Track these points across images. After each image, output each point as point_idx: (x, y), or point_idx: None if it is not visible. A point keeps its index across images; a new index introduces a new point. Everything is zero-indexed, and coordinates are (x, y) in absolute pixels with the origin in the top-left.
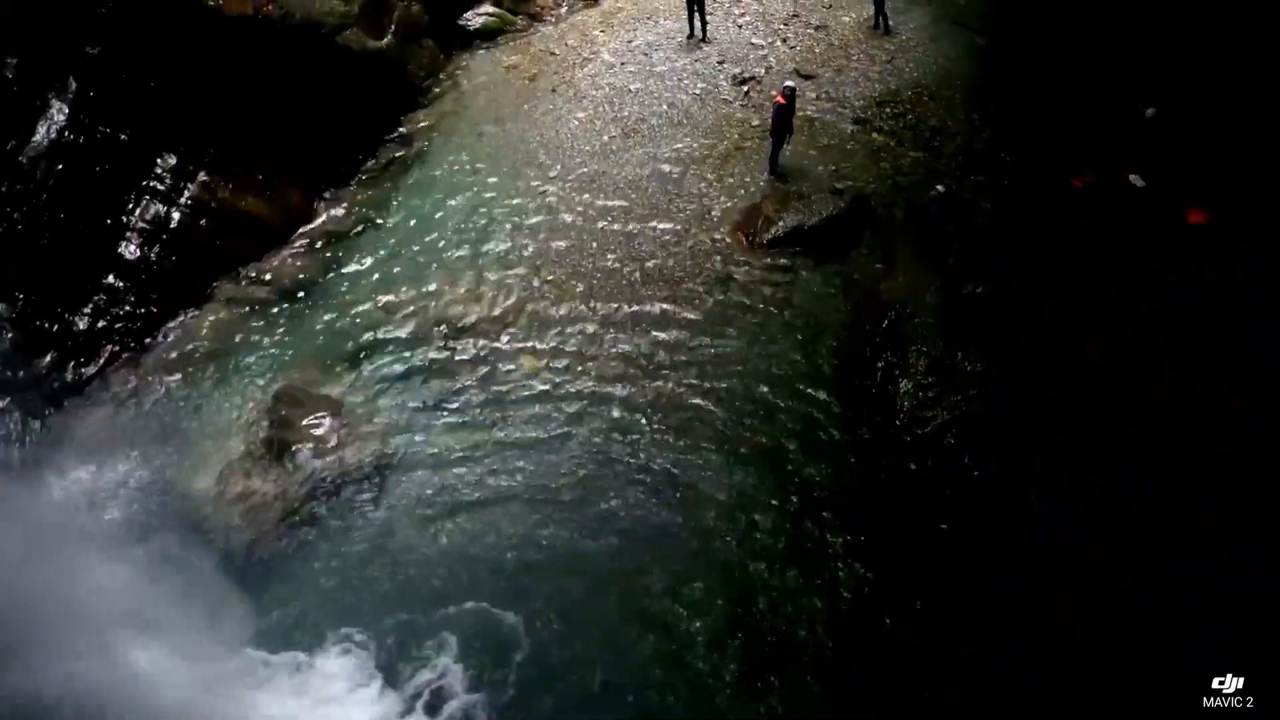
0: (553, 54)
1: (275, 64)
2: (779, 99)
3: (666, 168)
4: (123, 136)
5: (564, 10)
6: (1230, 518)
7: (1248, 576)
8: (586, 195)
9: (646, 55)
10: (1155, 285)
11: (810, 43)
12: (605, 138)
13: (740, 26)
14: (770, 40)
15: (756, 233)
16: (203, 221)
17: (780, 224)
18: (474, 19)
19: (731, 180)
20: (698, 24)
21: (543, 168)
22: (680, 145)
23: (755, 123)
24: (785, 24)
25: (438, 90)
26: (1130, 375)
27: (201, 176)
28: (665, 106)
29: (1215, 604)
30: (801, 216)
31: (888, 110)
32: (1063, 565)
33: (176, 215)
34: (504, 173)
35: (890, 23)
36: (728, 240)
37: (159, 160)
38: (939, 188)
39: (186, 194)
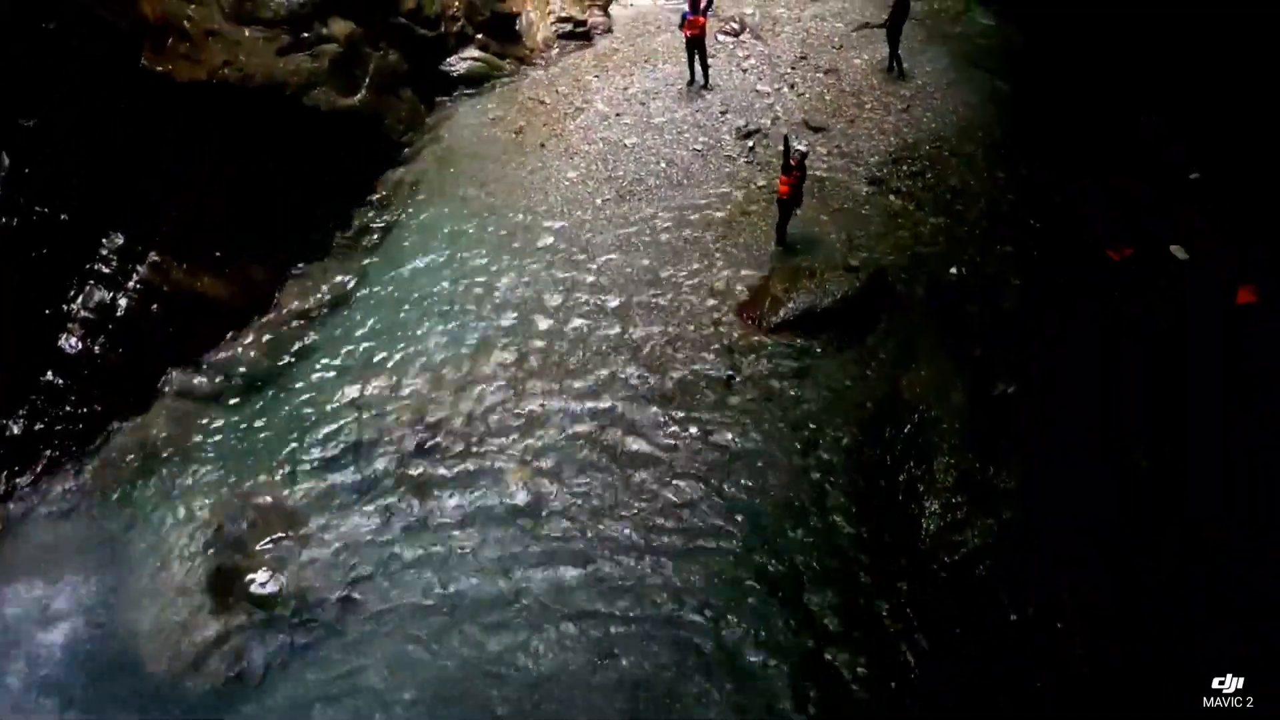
0: (542, 103)
1: (234, 130)
2: (783, 189)
3: (665, 237)
4: (63, 216)
5: (555, 53)
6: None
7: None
8: (575, 271)
9: (643, 105)
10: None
11: (820, 89)
12: (598, 201)
13: (745, 71)
14: (777, 87)
15: (764, 315)
16: (154, 307)
17: (790, 305)
18: (458, 64)
19: (736, 251)
20: (698, 70)
21: (529, 237)
22: (680, 210)
23: (761, 182)
24: (793, 68)
25: (418, 145)
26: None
27: (152, 257)
28: (664, 164)
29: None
30: (813, 297)
31: (905, 168)
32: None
33: (124, 301)
34: (487, 244)
35: (905, 65)
36: (732, 323)
37: (104, 240)
38: (953, 270)
39: (135, 277)
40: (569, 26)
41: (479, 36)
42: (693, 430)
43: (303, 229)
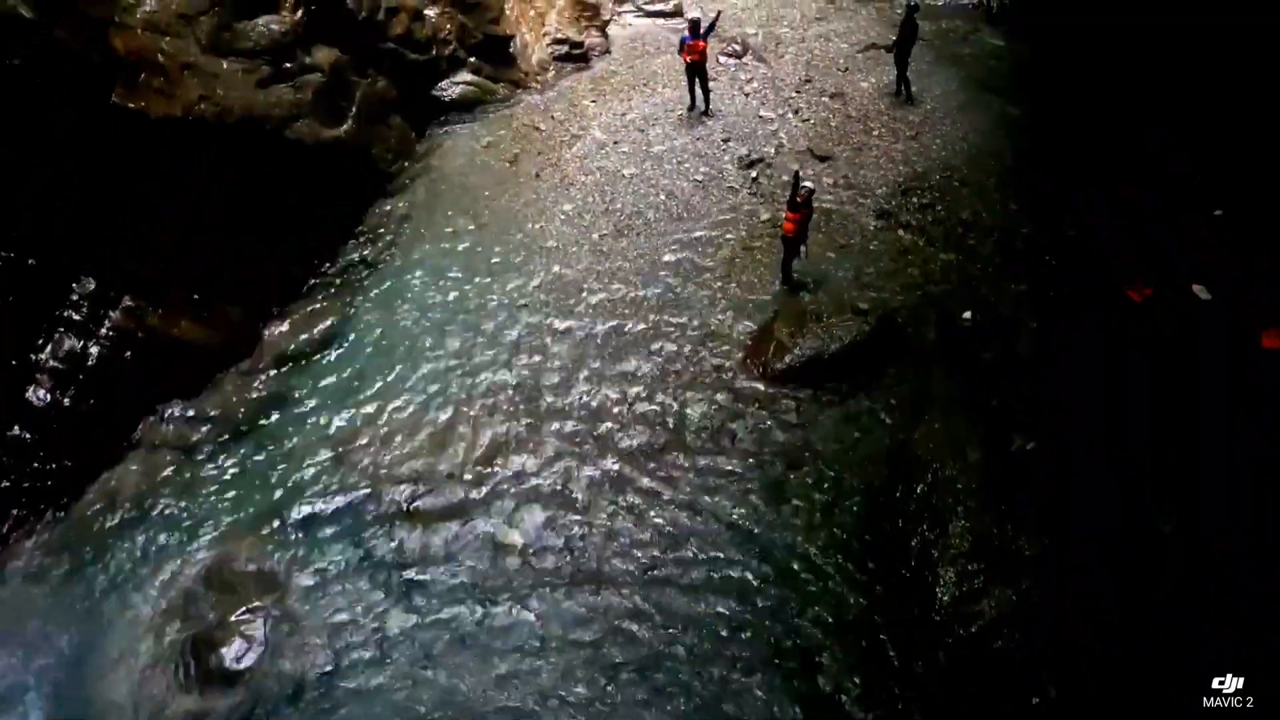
0: (537, 129)
1: (213, 167)
2: (789, 226)
3: (664, 274)
4: (31, 262)
5: (551, 75)
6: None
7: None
8: (570, 313)
9: (642, 132)
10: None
11: (825, 114)
12: (595, 236)
13: (747, 95)
14: (781, 112)
15: (768, 362)
16: (128, 354)
17: (795, 352)
18: (450, 89)
19: (739, 290)
20: (699, 94)
21: (523, 275)
22: (680, 246)
23: (764, 216)
24: (797, 91)
25: (408, 174)
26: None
27: (126, 302)
28: (663, 196)
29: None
30: (820, 343)
31: (914, 200)
32: None
33: (96, 350)
34: (479, 282)
35: (913, 89)
36: (735, 370)
37: (75, 286)
38: (966, 315)
39: (108, 323)
40: (565, 48)
41: (472, 60)
42: (692, 489)
43: (287, 267)
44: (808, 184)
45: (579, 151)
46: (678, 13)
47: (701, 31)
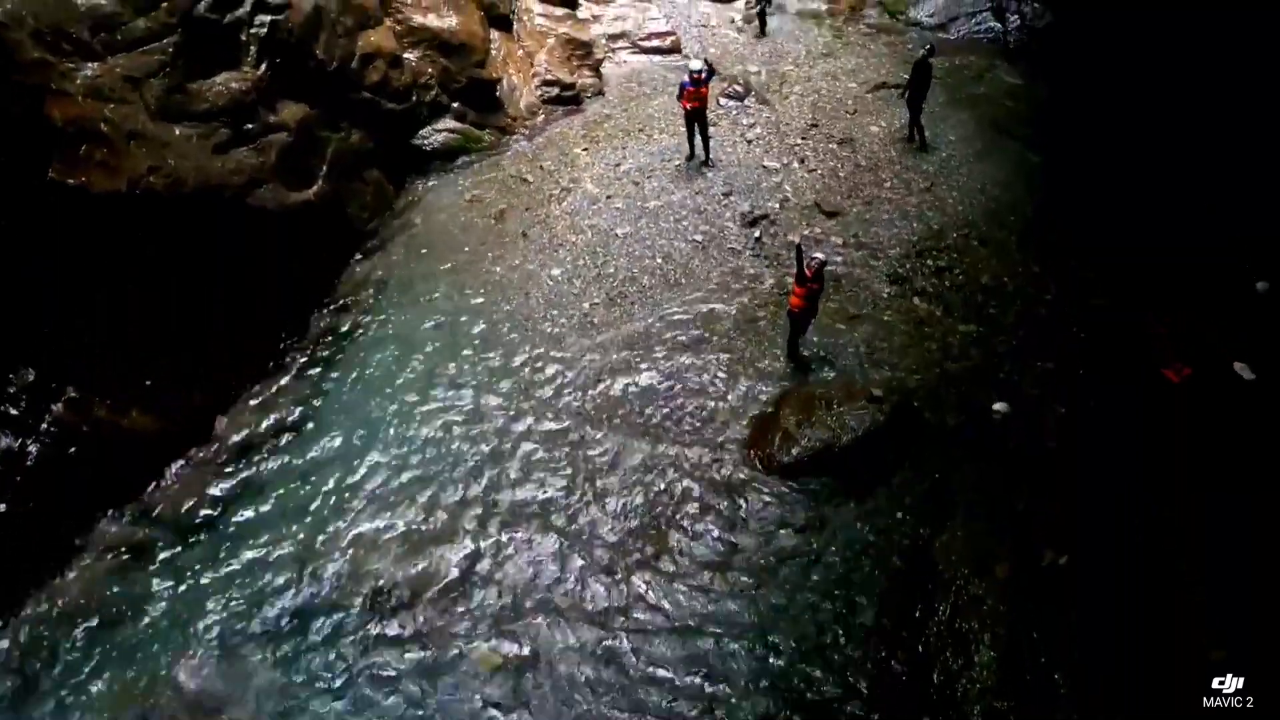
0: (525, 181)
1: (164, 241)
2: (796, 302)
3: (660, 352)
4: None
5: (540, 120)
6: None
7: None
8: (555, 398)
9: (637, 184)
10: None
11: (833, 163)
12: (585, 305)
13: (750, 142)
14: (786, 161)
15: (773, 453)
16: (71, 450)
17: (803, 443)
18: (432, 137)
19: (741, 368)
20: (698, 143)
21: (506, 351)
22: (678, 318)
23: (769, 282)
24: (803, 138)
25: (386, 233)
26: None
27: (70, 393)
28: (659, 259)
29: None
30: (829, 433)
31: (930, 263)
32: None
33: (35, 448)
34: (459, 359)
35: (926, 134)
36: (737, 461)
37: (11, 378)
38: (997, 408)
39: (49, 418)
40: (555, 90)
41: (455, 105)
42: (685, 601)
43: (251, 343)
44: (819, 255)
45: (569, 207)
46: (675, 49)
47: (702, 77)
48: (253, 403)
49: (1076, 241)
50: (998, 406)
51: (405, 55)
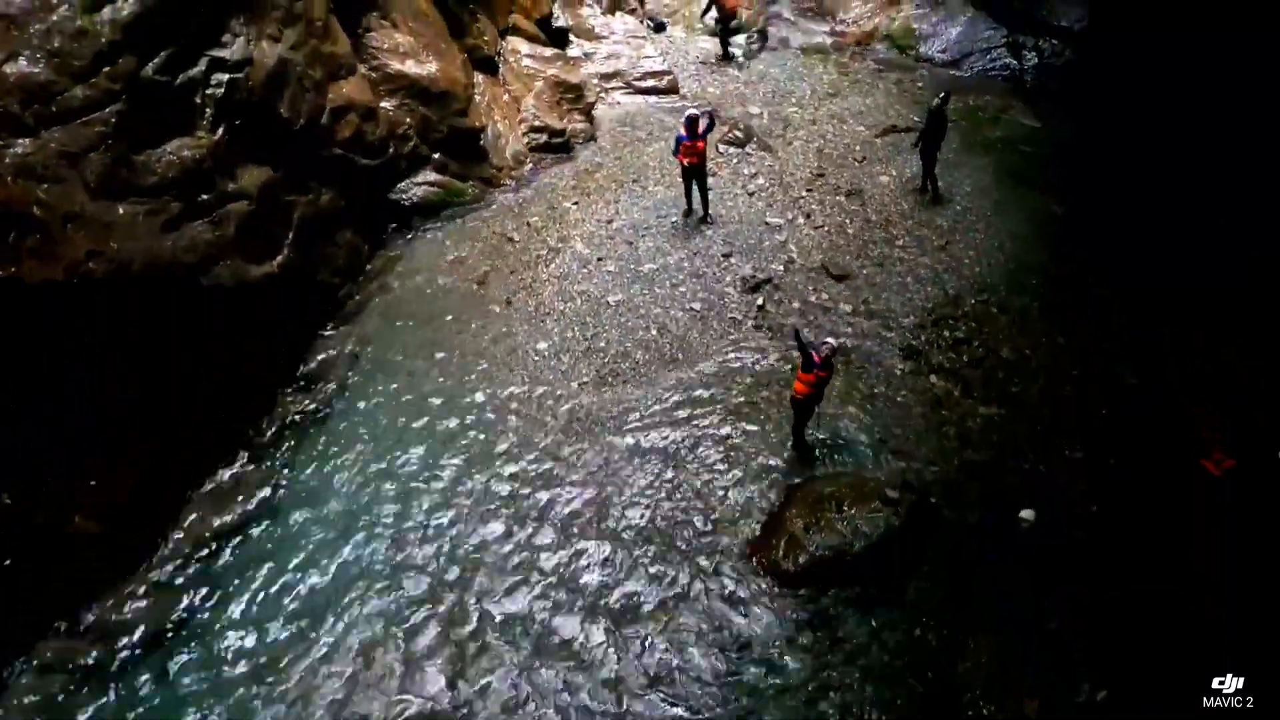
0: (511, 240)
1: (108, 329)
2: (801, 389)
3: (654, 439)
4: None
5: (528, 169)
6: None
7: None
8: (536, 496)
9: (630, 244)
10: None
11: (841, 218)
12: (574, 385)
13: (751, 194)
14: (790, 216)
15: (779, 560)
16: (7, 563)
17: (811, 549)
18: (411, 191)
19: (742, 458)
20: (696, 198)
21: (487, 438)
22: (674, 399)
23: (773, 357)
24: (809, 189)
25: (360, 299)
26: None
27: (4, 500)
28: (654, 331)
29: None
30: (840, 539)
31: (946, 334)
32: None
33: None
34: (435, 446)
35: (940, 184)
36: (739, 570)
37: None
38: (1025, 516)
39: None
40: (544, 137)
41: (436, 156)
42: None
43: (207, 438)
44: (831, 341)
45: (557, 270)
46: (672, 89)
47: (700, 130)
48: (213, 498)
49: (1102, 309)
50: (1024, 514)
51: (382, 104)
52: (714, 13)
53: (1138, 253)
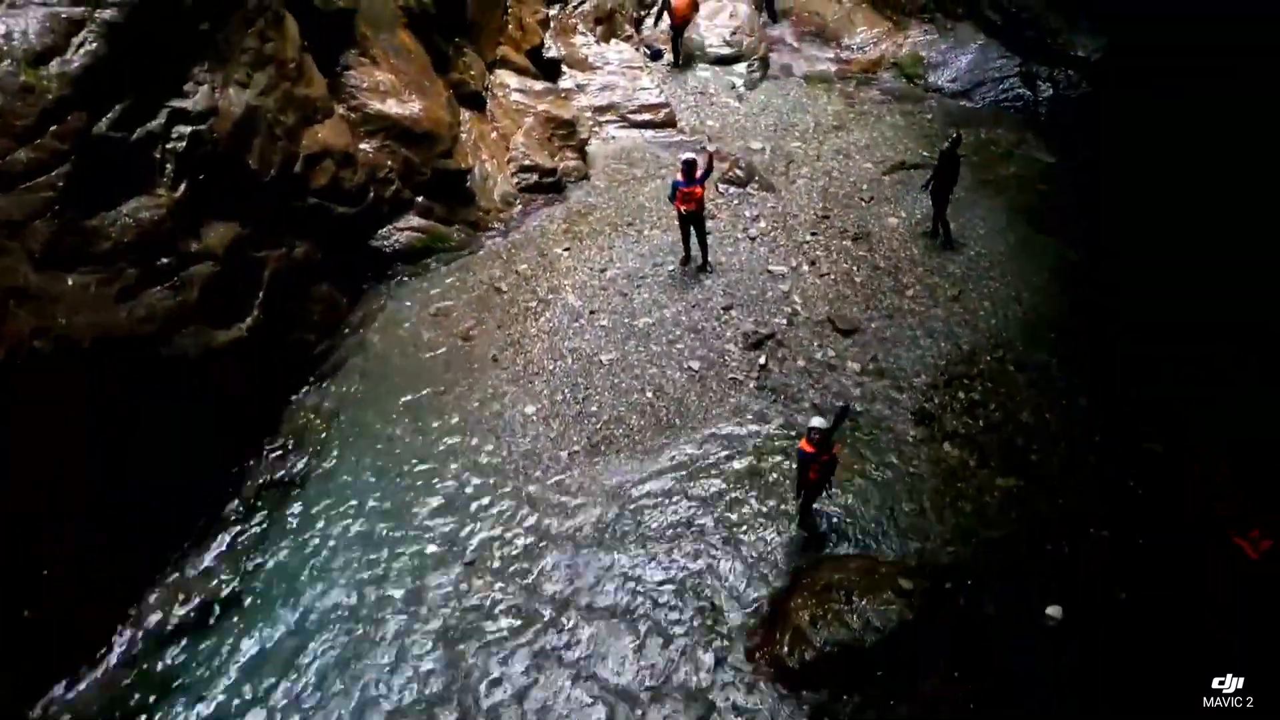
0: (498, 290)
1: (57, 407)
2: (805, 445)
3: (648, 518)
4: None
5: (517, 211)
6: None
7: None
8: (521, 580)
9: (624, 296)
10: None
11: (848, 265)
12: (563, 455)
13: (753, 240)
14: (794, 263)
15: (783, 655)
16: None
17: (818, 645)
18: (393, 237)
19: (743, 537)
20: (694, 245)
21: (472, 511)
22: (670, 470)
23: (777, 423)
24: (813, 233)
25: (338, 355)
26: None
27: None
28: (649, 394)
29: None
30: (849, 633)
31: (961, 395)
32: None
33: None
34: (415, 524)
35: (951, 228)
36: (739, 666)
37: None
38: (1052, 614)
39: None
40: (534, 177)
41: (420, 200)
42: None
43: (171, 517)
44: (816, 421)
45: (547, 324)
46: (669, 123)
47: (698, 175)
48: (176, 584)
49: (1124, 366)
50: (1051, 611)
51: (361, 146)
52: (666, 19)
53: (1160, 303)
